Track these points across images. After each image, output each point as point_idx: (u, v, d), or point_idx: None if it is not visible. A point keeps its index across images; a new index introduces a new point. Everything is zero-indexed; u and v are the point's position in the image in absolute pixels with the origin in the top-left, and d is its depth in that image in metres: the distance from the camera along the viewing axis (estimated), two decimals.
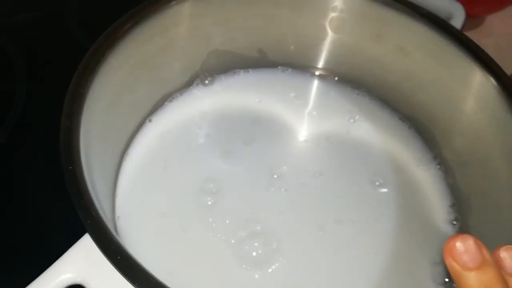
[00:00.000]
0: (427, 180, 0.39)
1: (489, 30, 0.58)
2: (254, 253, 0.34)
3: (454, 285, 0.34)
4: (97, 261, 0.27)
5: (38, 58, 0.49)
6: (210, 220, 0.35)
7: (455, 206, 0.38)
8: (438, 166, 0.39)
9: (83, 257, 0.28)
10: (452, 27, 0.35)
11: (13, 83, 0.45)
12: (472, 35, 0.35)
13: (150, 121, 0.39)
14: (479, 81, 0.34)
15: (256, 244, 0.34)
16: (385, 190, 0.38)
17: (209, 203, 0.36)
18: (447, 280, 0.34)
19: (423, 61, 0.38)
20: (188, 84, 0.42)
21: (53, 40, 0.51)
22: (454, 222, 0.37)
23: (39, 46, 0.50)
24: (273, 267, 0.33)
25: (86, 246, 0.28)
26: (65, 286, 0.27)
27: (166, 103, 0.41)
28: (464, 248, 0.22)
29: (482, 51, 0.34)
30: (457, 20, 0.42)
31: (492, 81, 0.33)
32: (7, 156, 0.41)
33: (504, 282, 0.21)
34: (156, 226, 0.34)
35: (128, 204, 0.35)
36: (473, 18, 0.56)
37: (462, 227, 0.36)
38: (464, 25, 0.43)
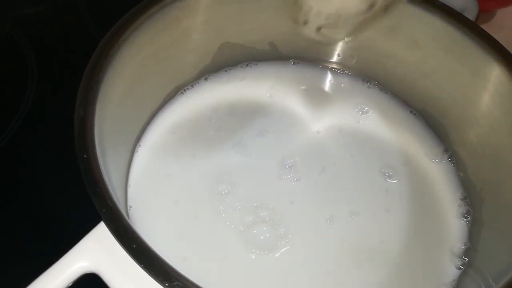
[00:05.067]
0: (437, 172, 0.39)
1: (500, 24, 0.57)
2: (262, 237, 0.34)
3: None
4: (112, 250, 0.27)
5: (49, 51, 0.49)
6: (221, 209, 0.35)
7: (467, 199, 0.37)
8: (449, 159, 0.39)
9: (97, 246, 0.28)
10: (468, 20, 0.35)
11: (25, 75, 0.45)
12: None
13: (162, 112, 0.39)
14: (495, 75, 0.34)
15: (264, 228, 0.34)
16: (395, 181, 0.38)
17: (222, 192, 0.36)
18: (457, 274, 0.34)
19: (437, 54, 0.37)
20: (199, 76, 0.42)
21: (65, 33, 0.51)
22: (466, 216, 0.37)
23: (51, 39, 0.50)
24: (281, 251, 0.34)
25: (100, 234, 0.28)
26: (79, 275, 0.27)
27: (178, 95, 0.41)
28: None
29: (499, 44, 0.33)
30: (470, 13, 0.41)
31: (509, 75, 0.33)
32: (19, 146, 0.42)
33: None
34: (168, 215, 0.35)
35: (140, 193, 0.35)
36: (484, 12, 0.56)
37: (474, 221, 0.36)
38: (477, 19, 0.42)
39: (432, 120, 0.41)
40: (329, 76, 0.44)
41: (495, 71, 0.34)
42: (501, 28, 0.57)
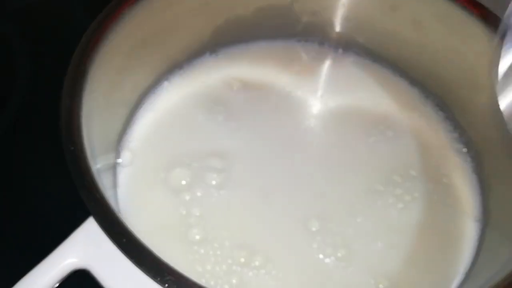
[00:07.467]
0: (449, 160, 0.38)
1: (505, 4, 0.56)
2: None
3: None
4: (102, 245, 0.26)
5: (40, 44, 0.48)
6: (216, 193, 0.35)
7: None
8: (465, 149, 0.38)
9: (87, 241, 0.27)
10: None
11: (15, 68, 0.45)
12: None
13: (152, 98, 0.38)
14: None
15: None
16: (412, 173, 0.37)
17: (214, 181, 0.35)
18: None
19: (441, 35, 0.36)
20: (193, 57, 0.40)
21: (56, 26, 0.50)
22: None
23: (42, 32, 0.49)
24: None
25: (90, 229, 0.27)
26: (69, 271, 0.26)
27: (168, 80, 0.39)
28: None
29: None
30: None
31: None
32: (9, 140, 0.41)
33: None
34: (157, 202, 0.34)
35: (130, 179, 0.35)
36: None
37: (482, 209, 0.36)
38: None
39: (440, 103, 0.40)
40: (330, 54, 0.43)
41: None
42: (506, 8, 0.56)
